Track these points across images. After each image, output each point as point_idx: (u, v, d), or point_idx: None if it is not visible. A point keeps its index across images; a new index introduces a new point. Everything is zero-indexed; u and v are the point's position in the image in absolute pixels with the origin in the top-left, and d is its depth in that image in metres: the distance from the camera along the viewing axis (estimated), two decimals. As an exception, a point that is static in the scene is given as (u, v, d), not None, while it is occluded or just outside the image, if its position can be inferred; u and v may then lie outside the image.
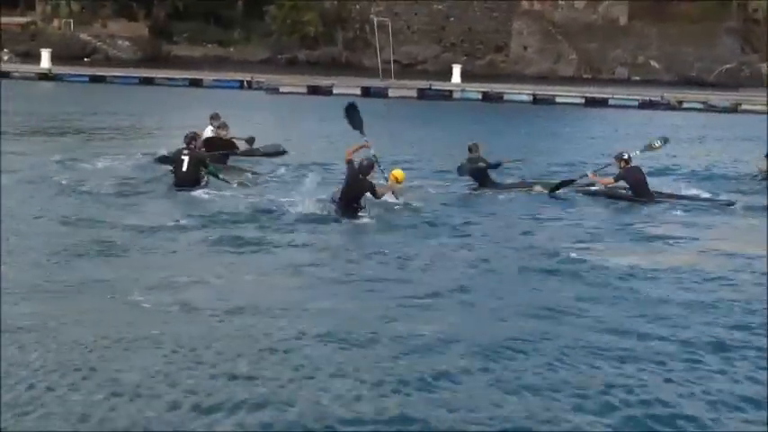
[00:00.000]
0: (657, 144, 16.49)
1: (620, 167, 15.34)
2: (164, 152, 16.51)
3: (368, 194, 13.18)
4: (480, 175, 15.58)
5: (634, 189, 15.24)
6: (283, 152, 18.59)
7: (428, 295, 8.96)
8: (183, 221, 12.19)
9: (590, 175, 15.66)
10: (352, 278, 9.69)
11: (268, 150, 18.47)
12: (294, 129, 18.63)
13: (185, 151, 14.73)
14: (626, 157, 15.34)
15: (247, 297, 8.72)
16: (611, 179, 15.31)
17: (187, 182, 14.57)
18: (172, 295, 8.66)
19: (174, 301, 8.45)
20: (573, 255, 10.73)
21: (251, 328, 7.83)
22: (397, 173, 14.15)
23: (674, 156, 20.33)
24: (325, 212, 12.87)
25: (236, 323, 7.97)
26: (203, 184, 14.79)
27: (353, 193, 13.05)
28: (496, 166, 15.81)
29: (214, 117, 17.91)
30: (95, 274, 9.36)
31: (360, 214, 12.93)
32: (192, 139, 14.93)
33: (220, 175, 15.07)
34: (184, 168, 14.59)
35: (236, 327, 7.88)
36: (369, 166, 13.13)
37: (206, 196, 14.13)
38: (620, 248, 11.42)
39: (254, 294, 8.88)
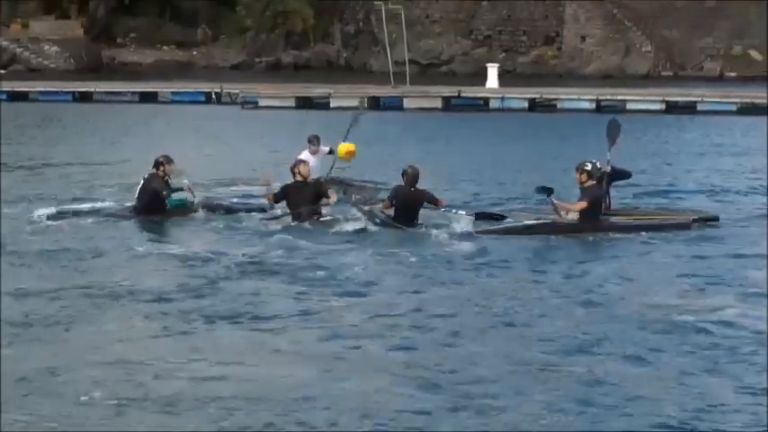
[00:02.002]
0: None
1: (584, 183, 15.10)
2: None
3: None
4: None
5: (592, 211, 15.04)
6: None
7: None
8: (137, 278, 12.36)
9: (555, 201, 15.15)
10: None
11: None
12: (285, 157, 18.60)
13: (146, 175, 15.76)
14: (589, 167, 15.14)
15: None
16: (582, 203, 14.98)
17: (143, 212, 15.75)
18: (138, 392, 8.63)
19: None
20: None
21: None
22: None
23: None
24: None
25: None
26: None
27: (409, 207, 15.06)
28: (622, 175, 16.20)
29: (311, 141, 17.15)
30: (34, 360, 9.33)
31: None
32: (159, 164, 15.68)
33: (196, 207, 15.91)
34: (137, 195, 15.80)
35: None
36: (414, 175, 15.11)
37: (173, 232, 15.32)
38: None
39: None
